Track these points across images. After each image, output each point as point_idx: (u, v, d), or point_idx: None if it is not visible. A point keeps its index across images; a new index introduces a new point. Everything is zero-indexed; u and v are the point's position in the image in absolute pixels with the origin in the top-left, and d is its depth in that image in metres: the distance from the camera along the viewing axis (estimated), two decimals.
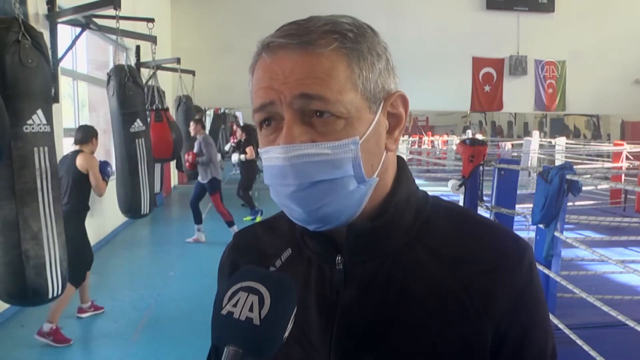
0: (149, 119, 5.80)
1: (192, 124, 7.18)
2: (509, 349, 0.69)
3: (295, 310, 0.62)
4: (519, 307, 0.69)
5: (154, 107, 5.99)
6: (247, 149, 8.37)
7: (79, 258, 3.86)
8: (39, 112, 2.40)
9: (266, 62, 0.67)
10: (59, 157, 3.32)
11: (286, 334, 0.61)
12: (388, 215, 0.71)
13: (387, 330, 0.68)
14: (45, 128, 2.43)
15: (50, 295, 2.52)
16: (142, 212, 4.53)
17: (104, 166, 4.29)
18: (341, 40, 0.66)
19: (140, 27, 6.20)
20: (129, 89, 4.27)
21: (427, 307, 0.68)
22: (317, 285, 0.73)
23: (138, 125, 4.37)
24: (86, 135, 4.20)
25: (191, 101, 8.23)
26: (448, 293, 0.68)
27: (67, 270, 2.62)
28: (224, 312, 0.61)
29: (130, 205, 4.48)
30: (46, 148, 2.44)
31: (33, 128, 2.38)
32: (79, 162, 4.03)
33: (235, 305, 0.60)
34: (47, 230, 2.46)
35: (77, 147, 4.15)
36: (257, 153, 8.33)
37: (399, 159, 0.76)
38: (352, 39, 0.66)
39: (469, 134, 17.60)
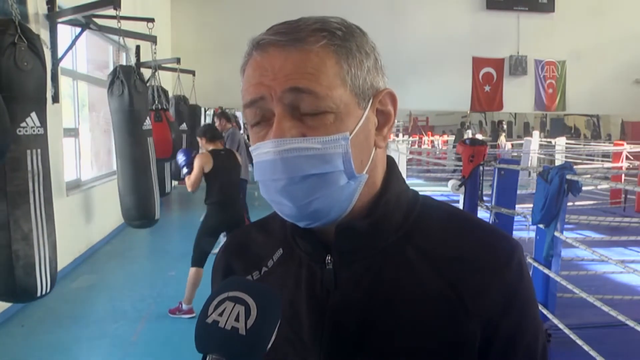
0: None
1: (216, 119, 6.75)
2: (500, 347, 0.69)
3: (279, 322, 0.62)
4: (509, 305, 0.69)
5: (153, 107, 5.98)
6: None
7: None
8: (33, 114, 2.39)
9: (256, 59, 0.68)
10: (55, 158, 3.30)
11: (269, 345, 0.61)
12: (377, 213, 0.71)
13: (377, 330, 0.68)
14: (39, 130, 2.42)
15: (38, 294, 2.55)
16: (156, 217, 4.30)
17: None
18: (330, 37, 0.67)
19: (141, 27, 6.19)
20: (139, 86, 4.22)
21: (416, 306, 0.68)
22: (307, 285, 0.73)
23: (148, 123, 4.27)
24: None
25: (188, 101, 8.21)
26: (437, 292, 0.68)
27: (57, 270, 2.63)
28: (209, 320, 0.60)
29: (142, 211, 4.25)
30: (39, 150, 2.44)
31: (27, 130, 2.38)
32: None
33: (221, 315, 0.60)
34: (37, 231, 2.47)
35: None
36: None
37: (389, 158, 0.76)
38: (341, 37, 0.67)
39: (469, 133, 17.58)
